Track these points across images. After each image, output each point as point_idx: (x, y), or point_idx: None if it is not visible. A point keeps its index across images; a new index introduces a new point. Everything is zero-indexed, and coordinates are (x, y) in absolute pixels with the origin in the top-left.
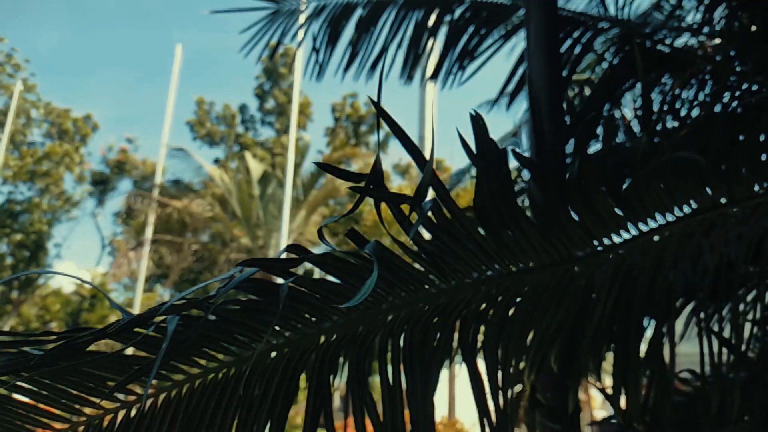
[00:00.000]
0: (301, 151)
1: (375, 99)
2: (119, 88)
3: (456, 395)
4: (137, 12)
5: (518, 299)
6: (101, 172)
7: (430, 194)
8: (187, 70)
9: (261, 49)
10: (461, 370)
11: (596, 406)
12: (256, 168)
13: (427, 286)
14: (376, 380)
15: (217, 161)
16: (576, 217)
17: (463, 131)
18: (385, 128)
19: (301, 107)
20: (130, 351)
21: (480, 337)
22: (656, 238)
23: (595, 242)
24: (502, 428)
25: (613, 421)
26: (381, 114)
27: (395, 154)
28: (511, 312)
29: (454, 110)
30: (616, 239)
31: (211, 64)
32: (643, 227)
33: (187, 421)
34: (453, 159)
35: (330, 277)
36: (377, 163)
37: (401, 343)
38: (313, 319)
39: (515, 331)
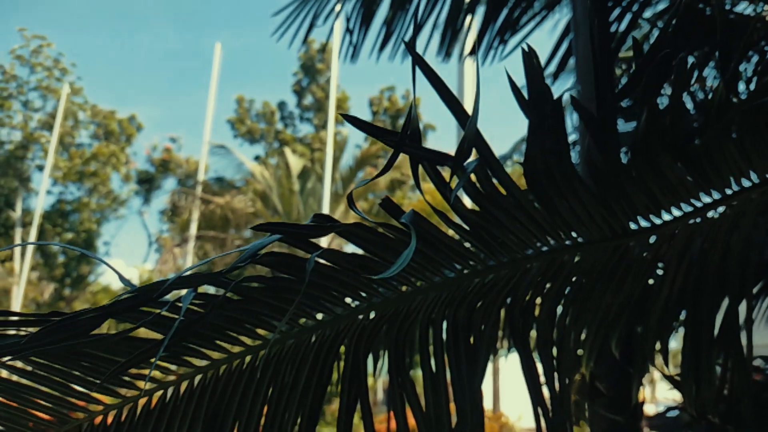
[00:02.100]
0: (340, 145)
1: (409, 42)
2: (162, 88)
3: (500, 388)
4: (177, 13)
5: (574, 277)
6: (146, 171)
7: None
8: (226, 69)
9: (294, 32)
10: (506, 362)
11: (643, 399)
12: (295, 164)
13: (471, 263)
14: (419, 374)
15: (257, 158)
16: (641, 183)
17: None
18: (423, 120)
19: (338, 102)
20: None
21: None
22: (730, 207)
23: (663, 212)
24: (558, 419)
25: (669, 414)
26: (417, 61)
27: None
28: (566, 291)
29: (489, 99)
30: (686, 209)
31: (250, 62)
32: (716, 195)
33: (213, 410)
34: None
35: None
36: (413, 118)
37: (444, 325)
38: (346, 298)
39: (571, 312)
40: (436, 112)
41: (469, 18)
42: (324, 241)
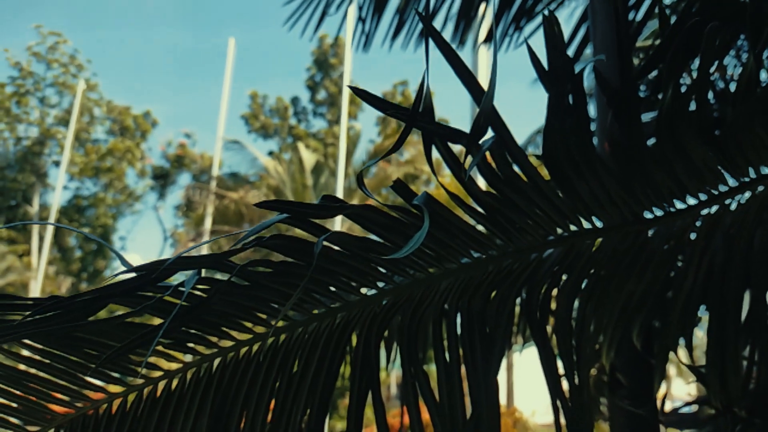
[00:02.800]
0: (353, 140)
1: (423, 13)
2: (176, 84)
3: (514, 383)
4: (191, 9)
5: (594, 264)
6: (161, 166)
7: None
8: (240, 65)
9: (306, 21)
10: (520, 357)
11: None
12: (308, 158)
13: (487, 249)
14: (434, 369)
15: (271, 153)
16: (665, 165)
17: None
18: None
19: (351, 97)
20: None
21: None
22: (755, 196)
23: (687, 196)
24: (577, 411)
25: (686, 409)
26: (430, 32)
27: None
28: (586, 279)
29: (500, 95)
30: (712, 193)
31: (264, 58)
32: (743, 179)
33: (221, 400)
34: None
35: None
36: (426, 94)
37: (458, 314)
38: (356, 285)
39: (591, 301)
40: (450, 107)
41: (483, 5)
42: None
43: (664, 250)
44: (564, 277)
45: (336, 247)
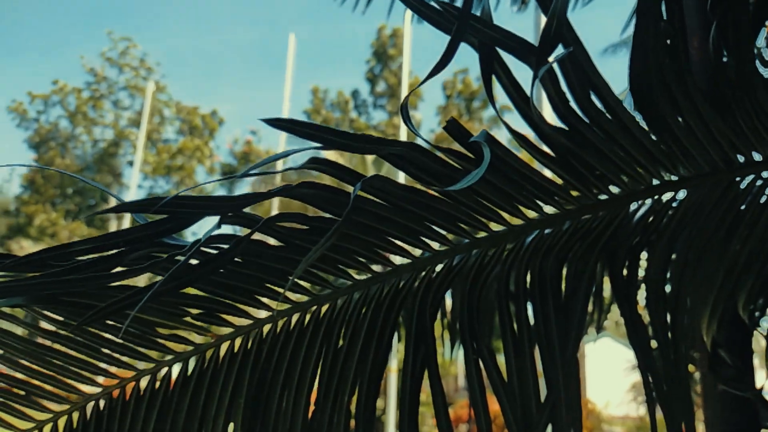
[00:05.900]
0: None
1: None
2: (240, 82)
3: (586, 374)
4: (251, 7)
5: (692, 218)
6: (229, 163)
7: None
8: (301, 60)
9: None
10: (594, 347)
11: None
12: None
13: (562, 201)
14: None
15: None
16: None
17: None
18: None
19: (411, 87)
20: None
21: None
22: None
23: None
24: (674, 389)
25: None
26: None
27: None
28: (682, 236)
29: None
30: None
31: (324, 53)
32: None
33: (258, 379)
34: None
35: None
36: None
37: (528, 278)
38: (407, 246)
39: (689, 262)
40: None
41: None
42: None
43: None
44: (656, 235)
45: (378, 200)
